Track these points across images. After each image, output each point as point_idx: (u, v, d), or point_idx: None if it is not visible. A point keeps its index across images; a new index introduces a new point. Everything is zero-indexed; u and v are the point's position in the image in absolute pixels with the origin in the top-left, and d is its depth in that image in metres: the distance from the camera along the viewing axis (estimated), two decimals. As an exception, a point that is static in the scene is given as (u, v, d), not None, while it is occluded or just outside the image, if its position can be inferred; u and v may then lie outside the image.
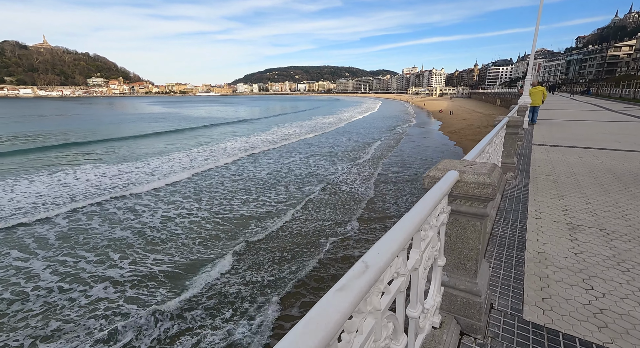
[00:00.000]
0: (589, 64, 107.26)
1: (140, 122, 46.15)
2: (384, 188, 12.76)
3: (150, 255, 7.65)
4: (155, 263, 7.29)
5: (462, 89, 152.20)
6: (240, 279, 6.58)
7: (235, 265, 7.10)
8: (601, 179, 5.57)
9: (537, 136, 10.64)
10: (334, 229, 8.89)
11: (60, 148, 23.46)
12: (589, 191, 4.97)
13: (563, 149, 8.35)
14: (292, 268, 6.99)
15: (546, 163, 6.85)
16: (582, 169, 6.31)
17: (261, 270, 6.92)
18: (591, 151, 8.11)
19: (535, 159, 7.24)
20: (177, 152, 21.24)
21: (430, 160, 18.31)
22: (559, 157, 7.43)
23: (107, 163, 18.11)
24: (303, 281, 6.48)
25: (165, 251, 7.78)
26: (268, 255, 7.52)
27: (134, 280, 6.61)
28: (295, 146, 23.49)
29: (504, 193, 5.00)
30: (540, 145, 9.01)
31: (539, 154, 7.80)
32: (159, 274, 6.82)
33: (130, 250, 7.87)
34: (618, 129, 11.98)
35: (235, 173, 15.35)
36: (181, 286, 6.36)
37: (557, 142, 9.48)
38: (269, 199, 11.39)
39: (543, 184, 5.34)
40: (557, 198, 4.70)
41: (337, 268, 6.96)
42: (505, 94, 59.41)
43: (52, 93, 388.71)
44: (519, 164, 6.82)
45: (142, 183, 13.55)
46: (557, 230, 3.63)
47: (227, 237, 8.59)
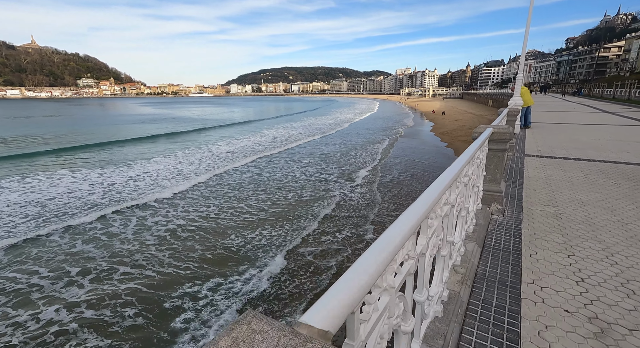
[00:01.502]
0: (579, 65, 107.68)
1: (128, 124, 43.90)
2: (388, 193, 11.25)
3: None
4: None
5: (454, 89, 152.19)
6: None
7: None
8: (622, 213, 4.01)
9: (531, 144, 9.14)
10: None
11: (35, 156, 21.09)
12: (609, 236, 3.40)
13: (562, 163, 6.83)
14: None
15: (543, 185, 5.29)
16: (592, 195, 4.75)
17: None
18: (597, 165, 6.59)
19: (529, 179, 5.69)
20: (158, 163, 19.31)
21: (424, 164, 17.02)
22: (558, 175, 5.89)
23: (86, 169, 16.58)
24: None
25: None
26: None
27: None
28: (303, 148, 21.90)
29: (485, 239, 3.41)
30: (535, 157, 7.48)
31: (533, 171, 6.25)
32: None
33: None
34: (621, 135, 10.54)
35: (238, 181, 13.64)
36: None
37: (554, 152, 7.96)
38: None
39: (542, 224, 3.76)
40: (563, 249, 3.13)
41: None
42: (497, 94, 58.49)
43: (40, 94, 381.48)
44: (508, 185, 5.27)
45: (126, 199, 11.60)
46: (573, 334, 2.04)
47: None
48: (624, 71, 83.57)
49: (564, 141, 9.49)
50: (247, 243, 8.13)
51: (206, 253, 7.59)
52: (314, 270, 6.89)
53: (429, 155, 19.65)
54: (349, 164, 17.12)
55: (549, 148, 8.49)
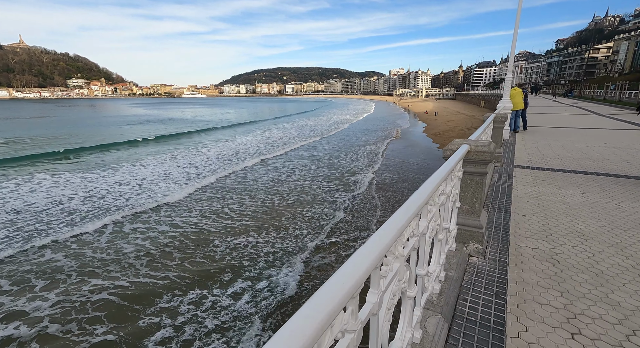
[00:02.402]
0: (569, 65, 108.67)
1: (116, 126, 42.29)
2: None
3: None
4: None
5: (447, 90, 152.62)
6: None
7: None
8: (636, 255, 3.13)
9: (521, 152, 8.31)
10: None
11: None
12: (625, 295, 2.49)
13: (556, 176, 5.97)
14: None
15: (535, 208, 4.40)
16: (594, 224, 3.86)
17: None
18: (595, 179, 5.74)
19: (518, 199, 4.80)
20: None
21: (417, 166, 16.26)
22: (552, 193, 5.01)
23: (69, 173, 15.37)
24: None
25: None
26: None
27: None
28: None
29: (457, 302, 2.49)
30: (525, 168, 6.62)
31: (523, 187, 5.37)
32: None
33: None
34: (617, 141, 9.79)
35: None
36: None
37: (547, 162, 7.13)
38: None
39: (533, 272, 2.85)
40: (565, 322, 2.21)
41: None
42: (489, 95, 58.22)
43: (29, 95, 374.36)
44: (493, 208, 4.39)
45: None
46: None
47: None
48: (613, 72, 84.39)
49: (557, 149, 8.68)
50: (259, 257, 7.16)
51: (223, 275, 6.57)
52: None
53: (421, 156, 19.13)
54: (350, 167, 16.24)
55: (541, 157, 7.65)
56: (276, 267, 6.81)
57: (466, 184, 3.07)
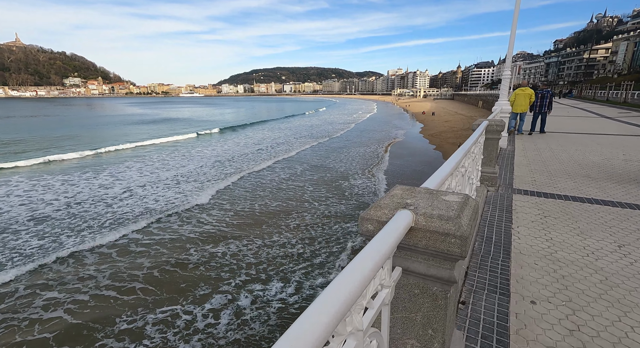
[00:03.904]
0: (567, 66, 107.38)
1: (109, 126, 40.54)
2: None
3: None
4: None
5: (445, 90, 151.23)
6: None
7: None
8: None
9: (521, 167, 6.59)
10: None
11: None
12: None
13: (573, 210, 4.23)
14: None
15: (551, 285, 2.63)
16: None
17: None
18: (632, 216, 4.02)
19: (520, 259, 3.06)
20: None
21: (415, 170, 14.47)
22: (573, 246, 3.26)
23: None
24: None
25: None
26: None
27: None
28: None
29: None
30: (529, 194, 4.90)
31: (527, 232, 3.62)
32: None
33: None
34: (637, 151, 8.11)
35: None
36: None
37: (556, 184, 5.39)
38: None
39: None
40: None
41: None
42: (487, 95, 56.67)
43: (25, 94, 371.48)
44: (480, 283, 2.70)
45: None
46: None
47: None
48: (612, 72, 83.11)
49: (567, 163, 6.97)
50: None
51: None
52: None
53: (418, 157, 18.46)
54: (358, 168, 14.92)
55: (547, 176, 5.93)
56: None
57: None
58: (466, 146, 2.72)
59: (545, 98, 11.35)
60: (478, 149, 3.75)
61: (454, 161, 2.12)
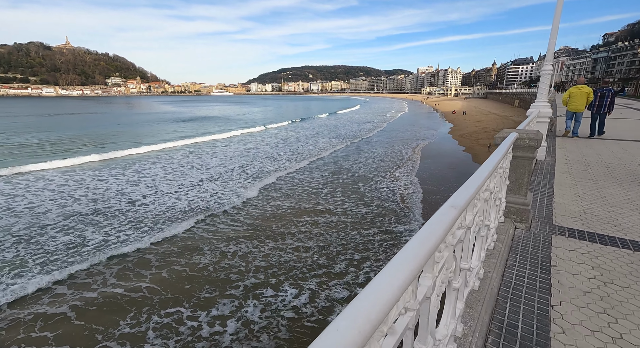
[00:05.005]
0: (618, 62, 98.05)
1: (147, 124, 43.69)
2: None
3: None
4: None
5: (478, 89, 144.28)
6: None
7: None
8: None
9: (564, 189, 5.17)
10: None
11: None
12: None
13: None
14: None
15: None
16: None
17: None
18: None
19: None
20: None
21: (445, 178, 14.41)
22: None
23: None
24: None
25: None
26: None
27: None
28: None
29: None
30: (574, 236, 3.59)
31: (577, 318, 2.23)
32: None
33: None
34: None
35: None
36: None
37: (616, 218, 4.02)
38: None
39: None
40: None
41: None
42: (525, 94, 52.93)
43: (73, 92, 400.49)
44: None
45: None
46: None
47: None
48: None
49: (628, 184, 5.37)
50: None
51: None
52: None
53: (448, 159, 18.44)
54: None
55: (602, 204, 4.46)
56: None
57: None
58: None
59: (606, 97, 10.22)
60: (502, 171, 2.96)
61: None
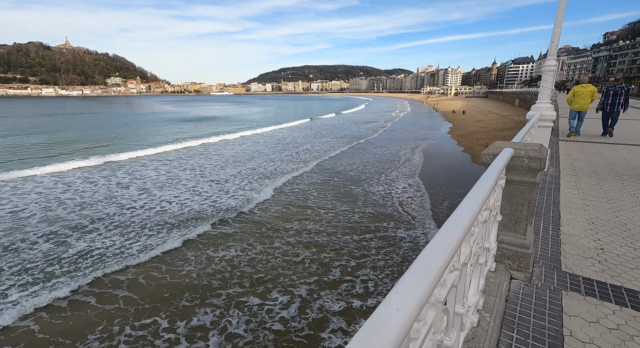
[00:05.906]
0: (619, 60, 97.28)
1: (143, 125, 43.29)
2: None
3: None
4: None
5: (478, 88, 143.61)
6: None
7: None
8: None
9: (574, 213, 4.05)
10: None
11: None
12: None
13: None
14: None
15: None
16: None
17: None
18: None
19: None
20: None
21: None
22: None
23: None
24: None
25: None
26: None
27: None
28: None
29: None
30: (591, 293, 2.44)
31: None
32: None
33: None
34: None
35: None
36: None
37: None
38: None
39: None
40: None
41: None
42: (525, 93, 52.19)
43: (72, 92, 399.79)
44: None
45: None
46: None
47: None
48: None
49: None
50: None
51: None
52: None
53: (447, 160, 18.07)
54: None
55: (625, 241, 3.29)
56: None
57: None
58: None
59: (619, 95, 9.68)
60: (492, 203, 2.13)
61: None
